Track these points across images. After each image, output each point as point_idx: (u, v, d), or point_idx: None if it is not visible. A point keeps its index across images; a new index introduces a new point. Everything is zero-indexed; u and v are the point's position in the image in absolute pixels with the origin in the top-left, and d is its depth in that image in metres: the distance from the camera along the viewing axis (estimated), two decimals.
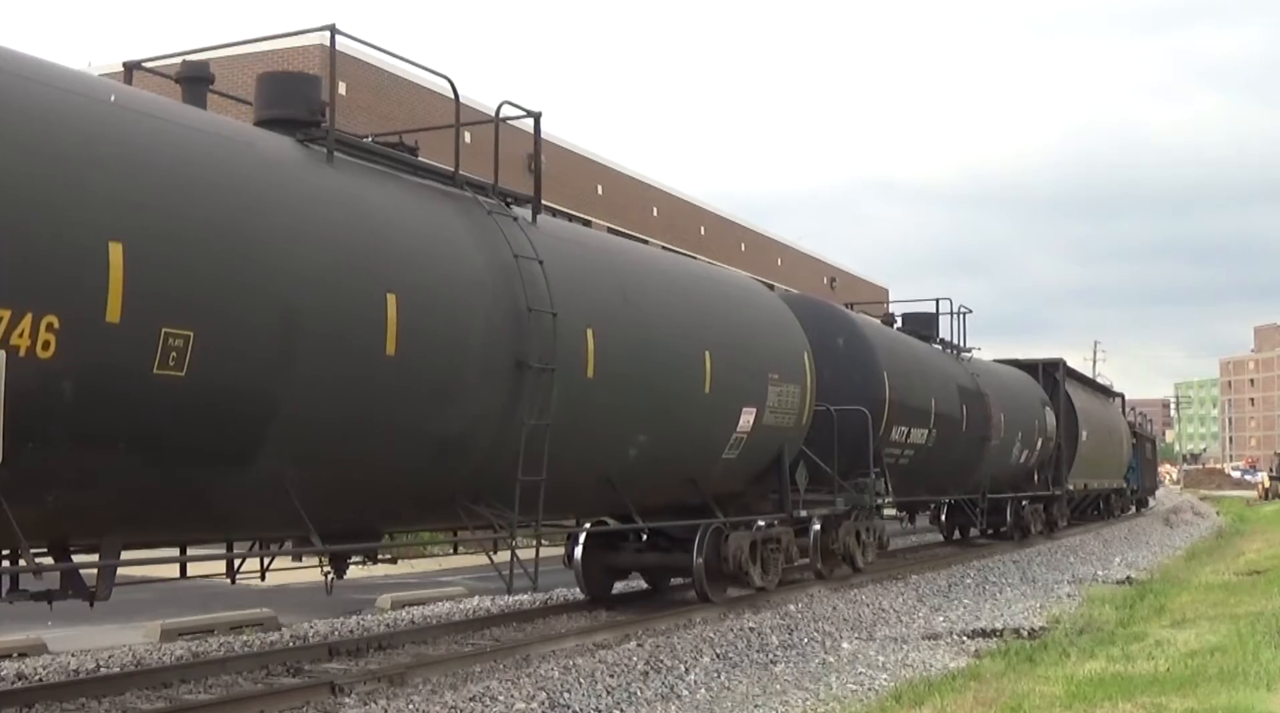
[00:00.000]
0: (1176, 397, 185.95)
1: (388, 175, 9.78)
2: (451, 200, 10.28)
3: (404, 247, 9.29)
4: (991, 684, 9.37)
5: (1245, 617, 13.04)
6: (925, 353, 21.64)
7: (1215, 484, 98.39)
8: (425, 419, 9.35)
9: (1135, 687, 8.96)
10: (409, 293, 9.03)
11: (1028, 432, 25.82)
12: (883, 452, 18.02)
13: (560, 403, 10.42)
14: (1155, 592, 17.15)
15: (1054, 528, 28.91)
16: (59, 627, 12.51)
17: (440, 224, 9.88)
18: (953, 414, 21.09)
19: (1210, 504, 58.71)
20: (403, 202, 9.62)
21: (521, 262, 10.28)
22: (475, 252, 10.01)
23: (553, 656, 10.77)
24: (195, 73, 9.27)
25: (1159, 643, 11.41)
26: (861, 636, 12.84)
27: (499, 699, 8.79)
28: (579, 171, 35.43)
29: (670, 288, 13.03)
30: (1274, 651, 10.37)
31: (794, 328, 15.37)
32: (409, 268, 9.21)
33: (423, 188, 10.11)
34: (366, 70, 27.34)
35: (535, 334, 10.23)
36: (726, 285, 14.80)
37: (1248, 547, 27.50)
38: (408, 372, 9.01)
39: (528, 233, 10.66)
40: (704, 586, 13.79)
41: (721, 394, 13.09)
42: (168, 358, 7.19)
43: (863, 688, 9.78)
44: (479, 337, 9.79)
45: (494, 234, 10.31)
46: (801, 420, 14.96)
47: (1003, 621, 14.12)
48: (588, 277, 11.55)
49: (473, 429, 9.83)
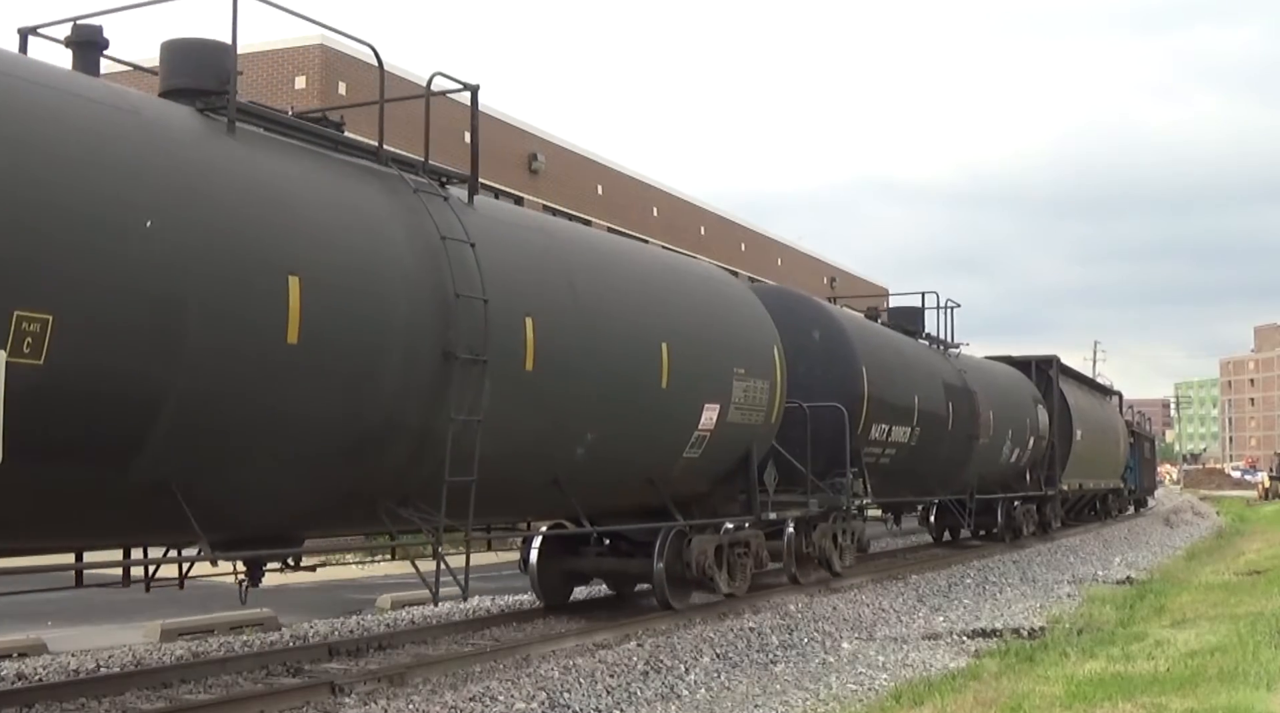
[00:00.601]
0: (1176, 397, 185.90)
1: (301, 150, 8.97)
2: (375, 178, 9.49)
3: (312, 225, 8.45)
4: (991, 684, 9.37)
5: (1245, 617, 13.04)
6: (909, 348, 20.78)
7: (1215, 484, 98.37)
8: (335, 414, 8.53)
9: (1135, 687, 8.96)
10: (315, 275, 8.20)
11: (1019, 430, 25.09)
12: (861, 451, 17.27)
13: (495, 398, 9.68)
14: (1155, 592, 17.15)
15: (1047, 529, 28.25)
16: (59, 627, 12.52)
17: (358, 203, 9.05)
18: (938, 412, 20.34)
19: (1210, 504, 58.72)
20: (314, 177, 8.81)
21: (450, 244, 9.44)
22: (397, 233, 9.21)
23: (553, 656, 10.76)
24: (85, 37, 8.52)
25: (1159, 643, 11.40)
26: (861, 636, 12.83)
27: (499, 699, 8.79)
28: (579, 171, 35.43)
29: (624, 275, 12.22)
30: (1274, 651, 10.37)
31: (763, 320, 14.49)
32: (317, 249, 8.37)
33: (342, 164, 9.30)
34: (367, 71, 27.29)
35: (465, 323, 9.41)
36: (687, 273, 13.87)
37: (1248, 547, 27.50)
38: (313, 361, 8.20)
39: (459, 214, 9.87)
40: (665, 592, 13.08)
41: (681, 389, 12.32)
42: (21, 344, 6.52)
43: (863, 688, 9.77)
44: (398, 324, 8.96)
45: (419, 214, 9.47)
46: (771, 418, 14.13)
47: (1003, 621, 14.11)
48: (528, 261, 10.70)
49: (392, 425, 9.00)
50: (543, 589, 13.87)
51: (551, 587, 13.93)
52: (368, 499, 9.23)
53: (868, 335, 18.65)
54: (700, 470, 13.24)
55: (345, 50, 26.98)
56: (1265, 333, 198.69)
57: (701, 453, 12.94)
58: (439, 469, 9.27)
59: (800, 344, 16.22)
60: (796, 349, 15.74)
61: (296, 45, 26.34)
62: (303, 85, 25.90)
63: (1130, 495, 43.04)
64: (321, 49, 26.12)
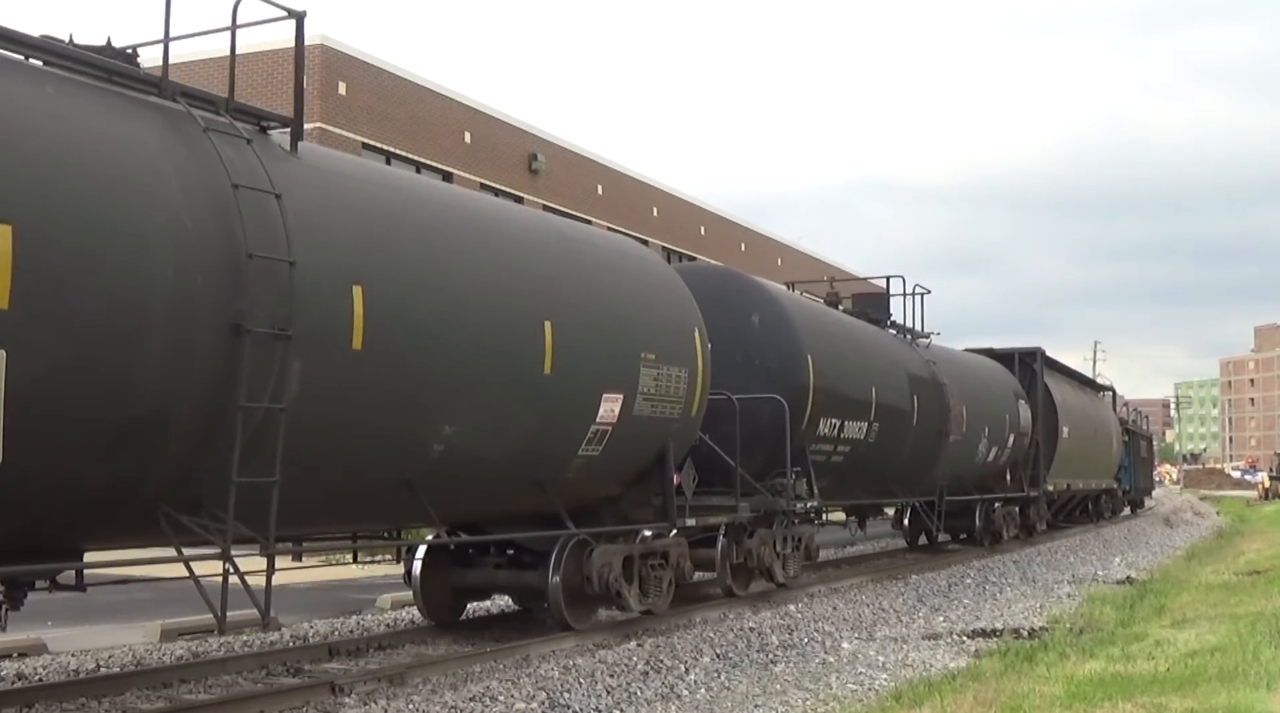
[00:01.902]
0: (1176, 397, 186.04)
1: (42, 74, 7.40)
2: (154, 115, 7.79)
3: (36, 165, 6.81)
4: (991, 684, 9.36)
5: (1245, 617, 13.04)
6: (868, 336, 18.97)
7: (1215, 484, 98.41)
8: (83, 400, 6.95)
9: (1135, 687, 8.96)
10: (36, 228, 6.62)
11: (997, 427, 23.59)
12: (807, 448, 15.48)
13: (308, 382, 8.05)
14: (1155, 592, 17.14)
15: (1032, 533, 26.80)
16: (59, 627, 12.52)
17: (117, 141, 7.40)
18: (900, 406, 18.58)
19: (1210, 504, 58.70)
20: (51, 108, 7.13)
21: (244, 193, 7.71)
22: (168, 178, 7.49)
23: (553, 656, 10.76)
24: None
25: (1159, 643, 11.40)
26: (861, 636, 12.83)
27: (499, 699, 8.79)
28: (579, 171, 35.47)
29: (498, 239, 10.35)
30: (1274, 651, 10.36)
31: (682, 300, 12.66)
32: (40, 195, 6.74)
33: (107, 95, 7.64)
34: (366, 70, 27.36)
35: (262, 290, 7.69)
36: (583, 243, 11.86)
37: (1248, 547, 27.49)
38: (38, 333, 6.63)
39: (268, 160, 8.11)
40: (562, 610, 11.43)
41: (570, 376, 10.58)
42: None
43: (863, 688, 9.77)
44: (164, 290, 7.25)
45: (208, 158, 7.75)
46: (692, 410, 12.39)
47: (1003, 621, 14.10)
48: (363, 220, 8.84)
49: (161, 413, 7.35)
50: (428, 605, 12.29)
51: (439, 603, 12.30)
52: (145, 504, 7.59)
53: (816, 320, 16.85)
54: (604, 471, 11.53)
55: (345, 50, 27.04)
56: (1265, 333, 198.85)
57: (603, 450, 11.24)
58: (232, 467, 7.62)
59: (737, 329, 14.81)
60: (732, 335, 14.48)
61: (294, 46, 26.33)
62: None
63: (1125, 496, 41.60)
64: (321, 49, 26.12)
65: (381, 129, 27.30)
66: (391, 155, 27.50)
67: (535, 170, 32.66)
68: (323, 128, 25.11)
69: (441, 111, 29.67)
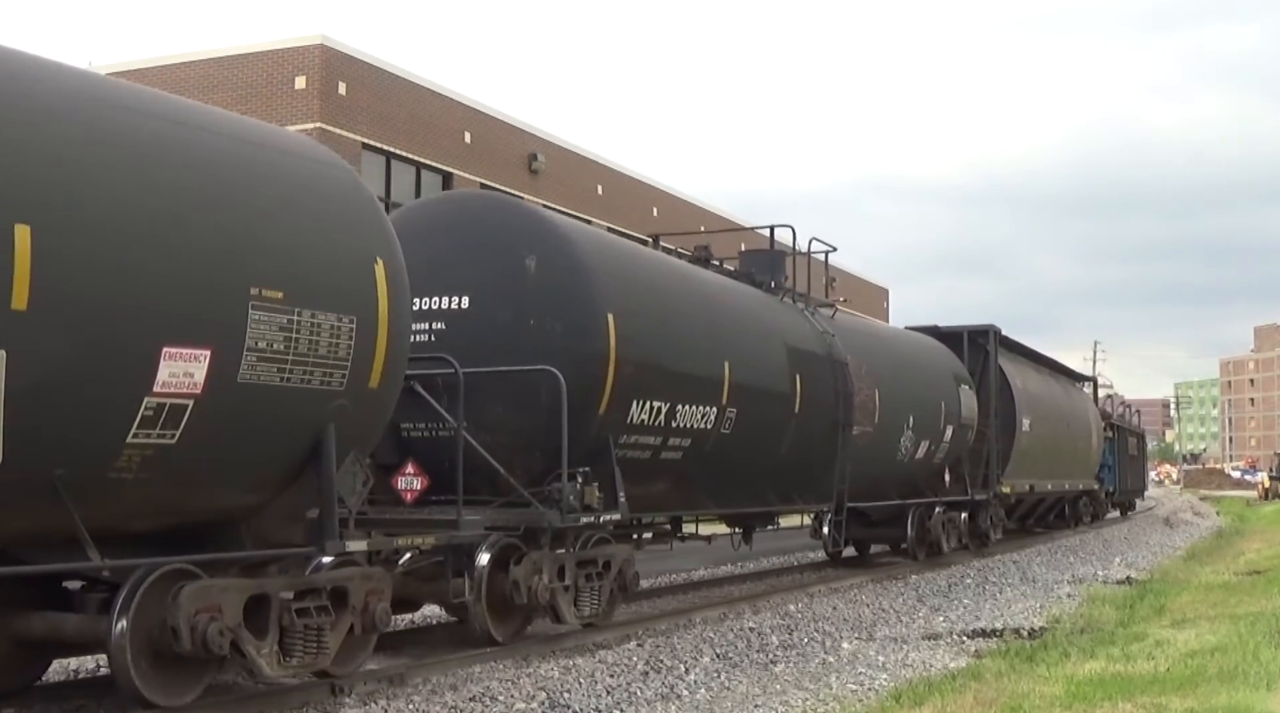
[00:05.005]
0: (1177, 397, 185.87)
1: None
2: None
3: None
4: (991, 684, 9.36)
5: (1245, 617, 13.04)
6: (724, 295, 14.71)
7: (1215, 484, 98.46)
8: None
9: (1135, 687, 8.96)
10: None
11: (928, 417, 19.56)
12: (613, 440, 11.75)
13: None
14: (1155, 592, 17.14)
15: (985, 542, 22.93)
16: None
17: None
18: (771, 387, 14.66)
19: (1210, 504, 58.76)
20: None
21: None
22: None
23: (552, 656, 10.77)
24: None
25: (1159, 643, 11.40)
26: (861, 636, 12.84)
27: (499, 699, 8.80)
28: (579, 171, 35.46)
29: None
30: (1274, 651, 10.37)
31: (353, 215, 8.85)
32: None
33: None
34: (366, 70, 27.35)
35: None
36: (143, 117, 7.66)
37: (1248, 547, 27.49)
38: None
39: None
40: (131, 676, 7.54)
41: (80, 316, 6.82)
42: None
43: (863, 688, 9.77)
44: None
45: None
46: (369, 380, 8.57)
47: (1003, 621, 14.11)
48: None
49: None
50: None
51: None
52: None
53: (628, 269, 12.64)
54: (201, 469, 7.81)
55: (345, 50, 27.03)
56: (1265, 333, 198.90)
57: (183, 436, 7.46)
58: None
59: (506, 277, 11.48)
60: (498, 284, 11.45)
61: (296, 45, 26.36)
62: (303, 85, 25.91)
63: (1110, 499, 37.97)
64: (322, 49, 26.13)
65: (381, 129, 27.30)
66: (391, 155, 27.54)
67: (535, 170, 32.67)
68: (323, 128, 25.13)
69: (441, 111, 29.68)
